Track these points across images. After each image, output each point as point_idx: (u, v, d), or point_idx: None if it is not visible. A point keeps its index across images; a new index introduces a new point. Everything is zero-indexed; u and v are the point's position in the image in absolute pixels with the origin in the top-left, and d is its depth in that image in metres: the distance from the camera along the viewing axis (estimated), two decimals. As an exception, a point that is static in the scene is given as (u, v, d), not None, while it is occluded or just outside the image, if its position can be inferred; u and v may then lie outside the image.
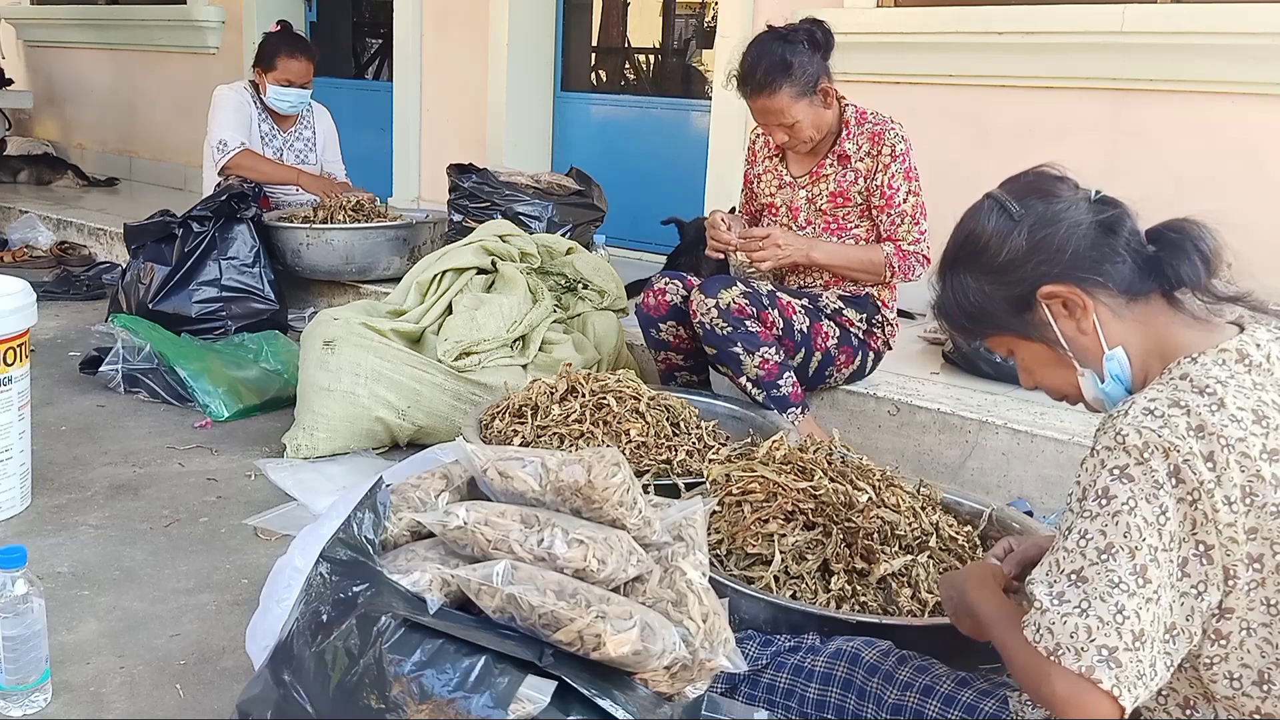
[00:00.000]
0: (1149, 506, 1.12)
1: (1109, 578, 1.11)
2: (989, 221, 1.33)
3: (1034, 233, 1.29)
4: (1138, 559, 1.11)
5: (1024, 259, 1.30)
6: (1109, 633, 1.10)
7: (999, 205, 1.33)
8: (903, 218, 2.68)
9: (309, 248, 3.88)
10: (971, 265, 1.35)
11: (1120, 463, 1.14)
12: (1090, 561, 1.13)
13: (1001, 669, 1.69)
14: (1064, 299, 1.28)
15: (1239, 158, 3.18)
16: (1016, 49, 3.55)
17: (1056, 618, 1.12)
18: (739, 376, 2.61)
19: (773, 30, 2.64)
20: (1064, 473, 2.52)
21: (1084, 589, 1.12)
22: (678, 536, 1.38)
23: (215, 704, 1.73)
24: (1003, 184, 1.38)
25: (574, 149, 5.15)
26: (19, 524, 2.36)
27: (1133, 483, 1.12)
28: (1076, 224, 1.28)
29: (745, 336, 2.56)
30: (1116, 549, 1.11)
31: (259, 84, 4.24)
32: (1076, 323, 1.29)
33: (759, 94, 2.60)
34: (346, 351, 2.81)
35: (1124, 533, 1.11)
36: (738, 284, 2.58)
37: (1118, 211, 1.30)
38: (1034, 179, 1.36)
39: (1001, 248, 1.31)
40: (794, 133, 2.65)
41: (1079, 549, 1.14)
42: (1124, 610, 1.10)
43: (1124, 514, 1.12)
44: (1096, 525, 1.13)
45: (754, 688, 1.54)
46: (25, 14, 7.92)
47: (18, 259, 5.01)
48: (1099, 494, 1.14)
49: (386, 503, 1.39)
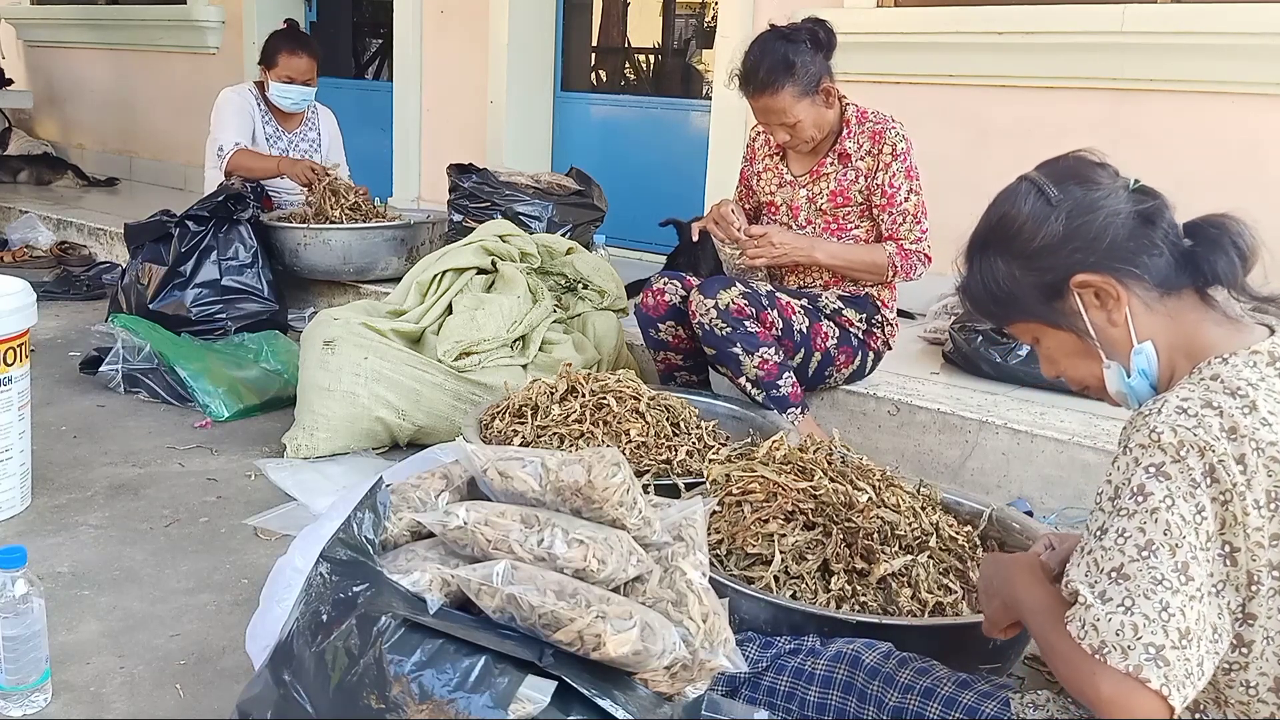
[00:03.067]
0: (1186, 505, 1.10)
1: (1151, 575, 1.09)
2: (1025, 205, 1.29)
3: (1071, 219, 1.26)
4: (1179, 556, 1.09)
5: (1059, 246, 1.26)
6: (1155, 630, 1.07)
7: (1036, 188, 1.30)
8: (904, 216, 2.68)
9: (307, 248, 3.87)
10: (1003, 249, 1.31)
11: (1156, 460, 1.11)
12: (1131, 559, 1.10)
13: (1001, 669, 1.70)
14: (1097, 289, 1.25)
15: (1239, 158, 3.18)
16: (1016, 49, 3.55)
17: (1101, 614, 1.09)
18: (738, 377, 2.61)
19: (775, 29, 2.64)
20: (1064, 473, 2.52)
21: (1127, 586, 1.09)
22: (678, 536, 1.38)
23: (215, 704, 1.73)
24: (1040, 167, 1.34)
25: (574, 149, 5.15)
26: (19, 524, 2.36)
27: (1170, 480, 1.10)
28: (1115, 213, 1.25)
29: (744, 337, 2.56)
30: (1157, 546, 1.09)
31: (264, 82, 4.25)
32: (1108, 314, 1.26)
33: (761, 93, 2.60)
34: (346, 351, 2.81)
35: (1164, 530, 1.09)
36: (736, 284, 2.58)
37: (1157, 203, 1.27)
38: (1073, 164, 1.32)
39: (1036, 233, 1.28)
40: (796, 132, 2.65)
41: (1118, 546, 1.11)
42: (1169, 607, 1.07)
43: (1162, 511, 1.10)
44: (1135, 523, 1.11)
45: (754, 690, 1.54)
46: (25, 14, 7.92)
47: (18, 259, 5.01)
48: (1134, 491, 1.12)
49: (386, 503, 1.39)
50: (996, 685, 1.43)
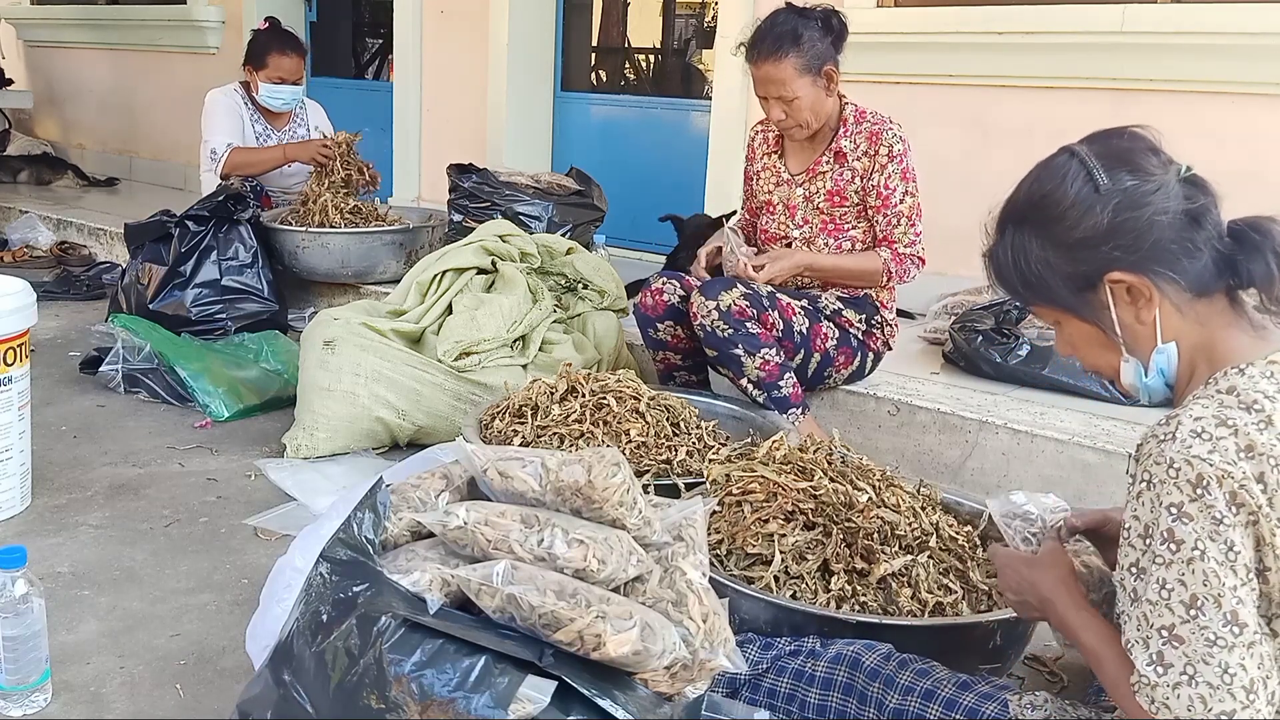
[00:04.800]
0: (1215, 546, 1.08)
1: (1204, 636, 1.07)
2: (1071, 188, 1.23)
3: (1118, 213, 1.20)
4: (1224, 607, 1.07)
5: (1100, 240, 1.22)
6: (1223, 697, 1.06)
7: (1085, 171, 1.23)
8: (899, 218, 2.67)
9: (305, 250, 3.87)
10: (1040, 230, 1.26)
11: (1175, 500, 1.10)
12: (1181, 619, 1.09)
13: (1001, 670, 1.70)
14: (1131, 287, 1.22)
15: (1239, 158, 3.18)
16: (1016, 49, 3.55)
17: (1168, 691, 1.08)
18: (740, 378, 2.61)
19: (791, 5, 2.65)
20: (1064, 473, 2.52)
21: (1183, 651, 1.08)
22: (678, 536, 1.38)
23: (215, 704, 1.73)
24: (1090, 142, 1.27)
25: (574, 149, 5.15)
26: (19, 524, 2.36)
27: (1193, 522, 1.09)
28: (1163, 211, 1.20)
29: (746, 338, 2.56)
30: (1201, 600, 1.08)
31: (251, 83, 4.23)
32: (1137, 312, 1.24)
33: (766, 59, 2.58)
34: (346, 351, 2.81)
35: (1202, 581, 1.08)
36: (738, 286, 2.58)
37: (1206, 201, 1.22)
38: (1127, 146, 1.25)
39: (1080, 222, 1.22)
40: (792, 110, 2.62)
41: (1164, 602, 1.10)
42: (1229, 669, 1.07)
43: (1196, 560, 1.08)
44: (1174, 574, 1.09)
45: (755, 692, 1.54)
46: (25, 14, 7.92)
47: (18, 259, 5.01)
48: (1164, 537, 1.10)
49: (386, 503, 1.39)
50: (997, 686, 1.43)
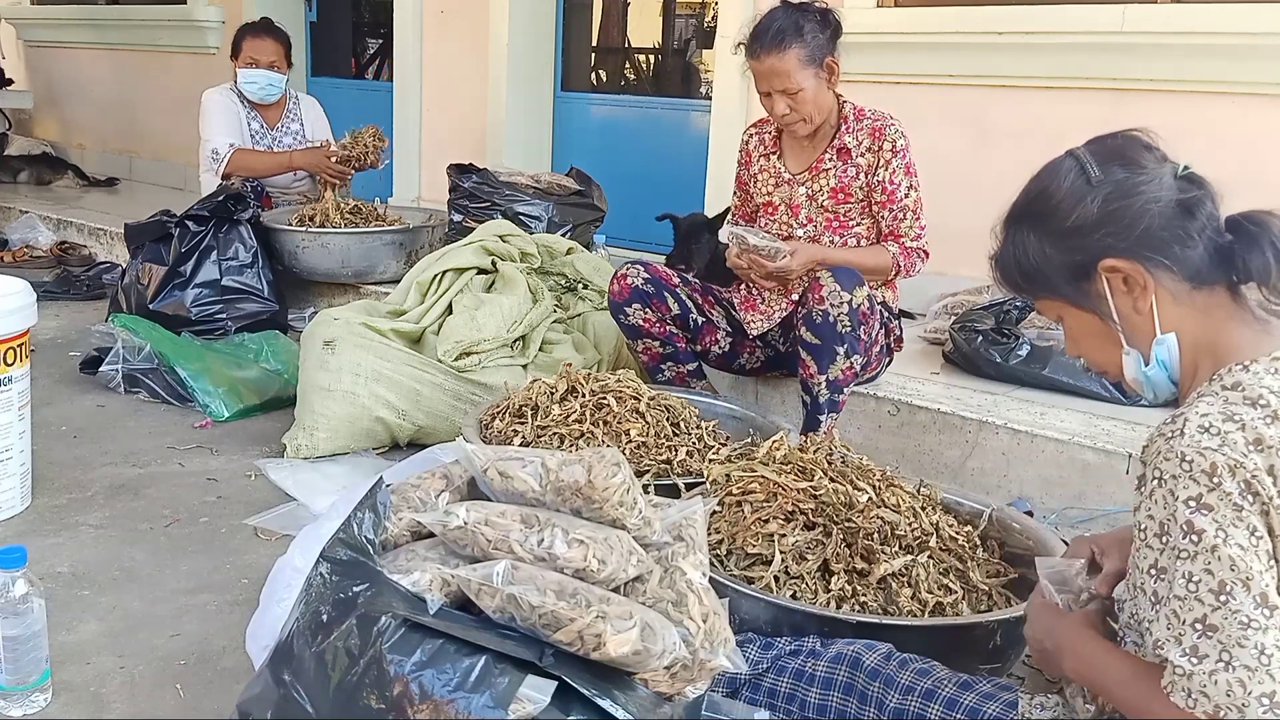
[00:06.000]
0: (1239, 531, 1.08)
1: (1237, 619, 1.07)
2: (1064, 182, 1.28)
3: (1108, 202, 1.24)
4: (1254, 589, 1.07)
5: (1092, 228, 1.25)
6: (1262, 679, 1.05)
7: (1079, 166, 1.28)
8: (905, 213, 2.67)
9: (305, 250, 3.87)
10: (1037, 224, 1.30)
11: (1193, 493, 1.10)
12: (1212, 607, 1.08)
13: (1001, 670, 1.70)
14: (1125, 275, 1.24)
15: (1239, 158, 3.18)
16: (1016, 49, 3.55)
17: (1205, 678, 1.07)
18: (819, 373, 2.52)
19: (786, 2, 2.65)
20: (1064, 473, 2.52)
21: (1217, 638, 1.08)
22: (678, 536, 1.38)
23: (215, 704, 1.73)
24: (1089, 143, 1.32)
25: (574, 149, 5.15)
26: (19, 524, 2.36)
27: (1213, 511, 1.09)
28: (1154, 200, 1.23)
29: (854, 340, 2.49)
30: (1230, 585, 1.08)
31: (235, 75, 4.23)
32: (1134, 301, 1.25)
33: (769, 52, 2.57)
34: (346, 351, 2.81)
35: (1229, 566, 1.08)
36: (867, 284, 2.51)
37: (1200, 193, 1.24)
38: (1121, 144, 1.29)
39: (1071, 212, 1.26)
40: (796, 103, 2.60)
41: (1192, 595, 1.10)
42: (1265, 650, 1.06)
43: (1221, 547, 1.08)
44: (1199, 565, 1.09)
45: (755, 692, 1.54)
46: (25, 14, 7.92)
47: (18, 259, 5.01)
48: (1184, 530, 1.10)
49: (386, 503, 1.39)
50: (998, 686, 1.43)
